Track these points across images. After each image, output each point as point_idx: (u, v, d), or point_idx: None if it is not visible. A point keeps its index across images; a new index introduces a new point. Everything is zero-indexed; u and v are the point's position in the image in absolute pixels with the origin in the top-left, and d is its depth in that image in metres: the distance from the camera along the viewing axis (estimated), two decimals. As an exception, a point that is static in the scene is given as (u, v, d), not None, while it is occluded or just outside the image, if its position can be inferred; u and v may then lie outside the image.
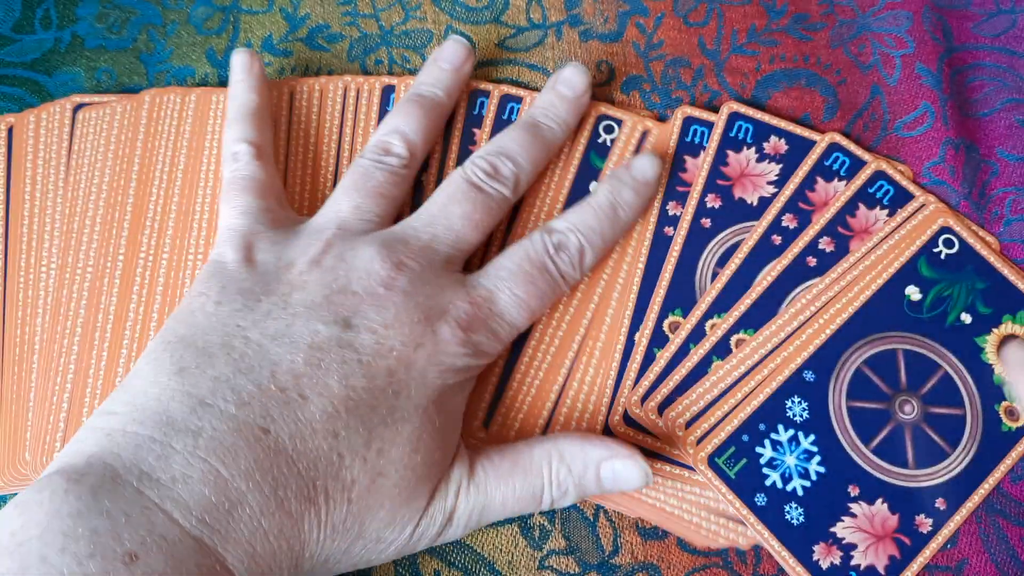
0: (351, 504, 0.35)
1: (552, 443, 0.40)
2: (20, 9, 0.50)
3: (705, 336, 0.43)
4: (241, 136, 0.44)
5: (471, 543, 0.43)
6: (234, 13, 0.50)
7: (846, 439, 0.42)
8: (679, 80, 0.49)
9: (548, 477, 0.39)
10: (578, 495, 0.40)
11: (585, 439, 0.40)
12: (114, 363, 0.44)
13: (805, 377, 0.42)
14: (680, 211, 0.45)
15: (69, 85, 0.49)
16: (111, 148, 0.47)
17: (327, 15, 0.50)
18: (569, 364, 0.44)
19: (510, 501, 0.39)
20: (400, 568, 0.42)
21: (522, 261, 0.41)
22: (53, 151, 0.47)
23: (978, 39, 0.50)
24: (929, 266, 0.44)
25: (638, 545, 0.42)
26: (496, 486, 0.39)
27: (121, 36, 0.50)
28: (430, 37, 0.50)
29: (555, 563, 0.42)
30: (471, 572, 0.42)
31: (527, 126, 0.44)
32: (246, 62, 0.46)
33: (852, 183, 0.45)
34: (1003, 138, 0.47)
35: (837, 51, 0.49)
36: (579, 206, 0.43)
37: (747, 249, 0.44)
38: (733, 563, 0.42)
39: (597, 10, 0.50)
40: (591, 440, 0.40)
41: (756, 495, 0.41)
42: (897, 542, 0.41)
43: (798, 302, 0.43)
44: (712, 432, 0.42)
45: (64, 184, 0.47)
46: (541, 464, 0.39)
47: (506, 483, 0.39)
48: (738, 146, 0.46)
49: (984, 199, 0.46)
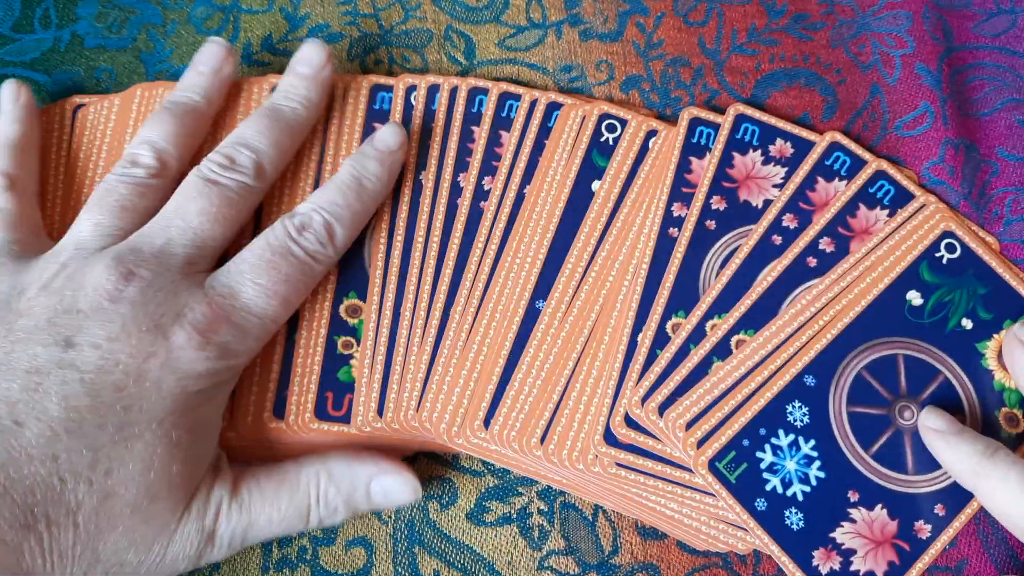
0: (78, 528, 0.34)
1: (321, 463, 0.40)
2: (19, 8, 0.50)
3: (705, 337, 0.43)
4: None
5: (471, 543, 0.43)
6: (234, 12, 0.50)
7: (846, 444, 0.42)
8: (679, 80, 0.49)
9: (315, 496, 0.40)
10: (348, 512, 0.41)
11: (354, 457, 0.41)
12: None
13: (806, 382, 0.42)
14: (685, 213, 0.45)
15: (68, 85, 0.49)
16: (106, 143, 0.47)
17: (327, 15, 0.50)
18: (572, 365, 0.44)
19: (275, 520, 0.39)
20: (399, 568, 0.42)
21: (263, 250, 0.40)
22: (53, 153, 0.47)
23: (978, 39, 0.50)
24: (930, 271, 0.44)
25: (638, 545, 0.43)
26: (261, 506, 0.39)
27: (121, 36, 0.50)
28: (430, 37, 0.50)
29: (555, 563, 0.42)
30: (470, 572, 0.42)
31: (265, 111, 0.44)
32: (14, 92, 0.45)
33: (853, 183, 0.45)
34: (1003, 138, 0.47)
35: (837, 51, 0.49)
36: (323, 186, 0.43)
37: (747, 249, 0.44)
38: (733, 563, 0.42)
39: (597, 9, 0.50)
40: (360, 458, 0.41)
41: (756, 500, 0.41)
42: (896, 548, 0.41)
43: (798, 303, 0.43)
44: (713, 436, 0.42)
45: (64, 184, 0.47)
46: (308, 484, 0.40)
47: (272, 503, 0.39)
48: (744, 148, 0.46)
49: (984, 199, 0.46)
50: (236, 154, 0.42)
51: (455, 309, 0.45)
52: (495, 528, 0.43)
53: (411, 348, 0.44)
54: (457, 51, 0.50)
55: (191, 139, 0.45)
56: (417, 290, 0.45)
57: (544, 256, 0.45)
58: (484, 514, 0.43)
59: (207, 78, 0.45)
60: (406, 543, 0.43)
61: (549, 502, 0.43)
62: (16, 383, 0.35)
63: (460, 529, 0.43)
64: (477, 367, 0.44)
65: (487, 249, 0.45)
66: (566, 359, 0.44)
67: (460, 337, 0.44)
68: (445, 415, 0.43)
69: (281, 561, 0.43)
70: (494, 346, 0.44)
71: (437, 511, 0.43)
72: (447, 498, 0.44)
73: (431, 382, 0.44)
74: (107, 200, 0.41)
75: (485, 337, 0.44)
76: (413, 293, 0.45)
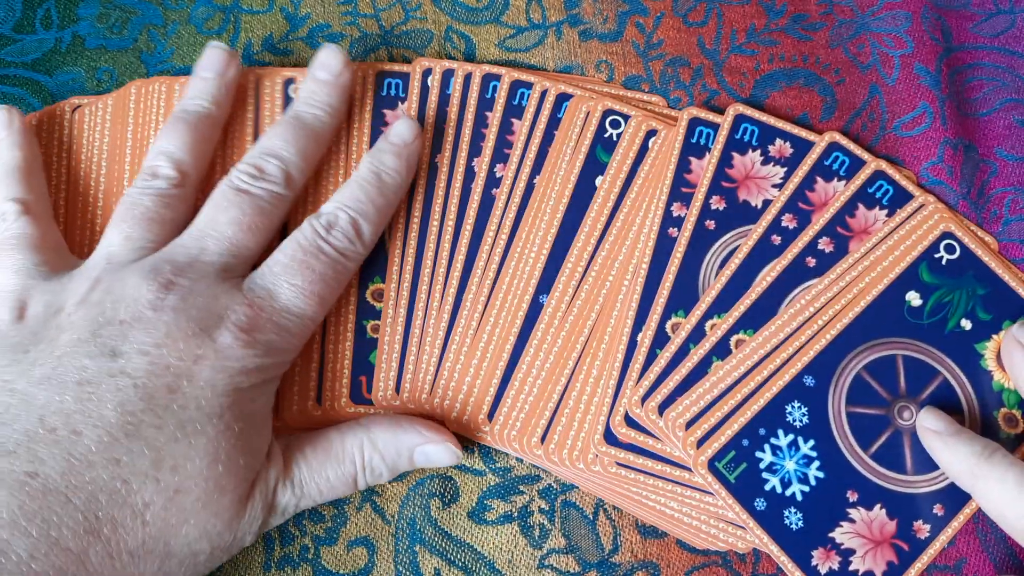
0: (147, 527, 0.35)
1: (365, 432, 0.42)
2: (21, 9, 0.50)
3: (705, 336, 0.43)
4: (6, 195, 0.43)
5: (471, 542, 0.43)
6: (235, 13, 0.50)
7: (845, 444, 0.42)
8: (678, 79, 0.49)
9: (360, 464, 0.41)
10: (391, 475, 0.42)
11: (397, 426, 0.42)
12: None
13: (805, 382, 0.42)
14: (684, 213, 0.45)
15: (70, 85, 0.49)
16: (105, 142, 0.47)
17: (327, 15, 0.50)
18: (572, 364, 0.44)
19: (325, 490, 0.41)
20: (399, 567, 0.42)
21: (295, 251, 0.41)
22: (54, 154, 0.47)
23: (977, 39, 0.50)
24: (930, 271, 0.44)
25: (638, 543, 0.43)
26: (310, 478, 0.41)
27: (122, 36, 0.50)
28: (430, 37, 0.50)
29: (555, 562, 0.43)
30: (471, 571, 0.42)
31: (289, 120, 0.45)
32: (5, 118, 0.45)
33: (851, 183, 0.45)
34: (1002, 138, 0.47)
35: (836, 51, 0.49)
36: (345, 183, 0.44)
37: (747, 249, 0.45)
38: (732, 562, 0.42)
39: (596, 10, 0.50)
40: (403, 426, 0.42)
41: (756, 500, 0.41)
42: (895, 548, 0.41)
43: (797, 303, 0.43)
44: (712, 436, 0.42)
45: (65, 184, 0.47)
46: (353, 453, 0.41)
47: (320, 474, 0.41)
48: (743, 148, 0.46)
49: (983, 199, 0.46)
50: (264, 164, 0.43)
51: (467, 296, 0.45)
52: (496, 527, 0.43)
53: (426, 330, 0.45)
54: (457, 52, 0.50)
55: (206, 145, 0.45)
56: (432, 274, 0.46)
57: (548, 251, 0.45)
58: (485, 512, 0.43)
59: (213, 83, 0.45)
60: (407, 541, 0.43)
61: (550, 501, 0.43)
62: (69, 395, 0.35)
63: (461, 527, 0.43)
64: (486, 359, 0.44)
65: (497, 238, 0.46)
66: (566, 359, 0.44)
67: (471, 326, 0.45)
68: (456, 404, 0.44)
69: (283, 560, 0.43)
70: (499, 340, 0.44)
71: (438, 509, 0.43)
72: (448, 496, 0.44)
73: (443, 368, 0.44)
74: (133, 213, 0.42)
75: (495, 328, 0.45)
76: (428, 276, 0.46)
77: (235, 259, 0.41)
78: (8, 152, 0.44)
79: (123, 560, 0.35)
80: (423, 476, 0.44)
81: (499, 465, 0.44)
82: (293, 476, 0.40)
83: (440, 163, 0.47)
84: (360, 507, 0.43)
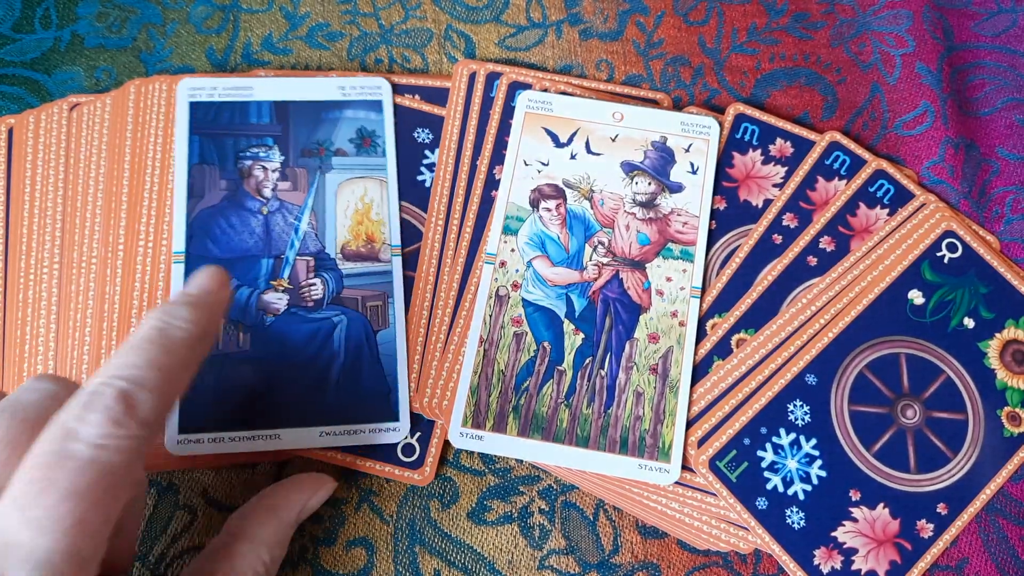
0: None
1: (250, 543, 0.37)
2: (20, 8, 0.50)
3: (706, 336, 0.43)
4: None
5: (472, 542, 0.43)
6: (234, 12, 0.50)
7: (848, 443, 0.42)
8: (679, 79, 0.49)
9: (265, 571, 0.37)
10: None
11: (275, 505, 0.39)
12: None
13: (807, 380, 0.42)
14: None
15: (69, 84, 0.49)
16: (104, 141, 0.47)
17: (327, 14, 0.50)
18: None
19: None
20: (400, 567, 0.42)
21: (32, 467, 0.29)
22: (52, 152, 0.47)
23: (978, 38, 0.50)
24: (932, 270, 0.44)
25: (638, 544, 0.42)
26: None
27: (121, 35, 0.50)
28: (430, 36, 0.50)
29: (555, 562, 0.42)
30: (471, 571, 0.42)
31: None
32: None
33: (852, 182, 0.45)
34: (1003, 137, 0.47)
35: (837, 50, 0.49)
36: (116, 350, 0.35)
37: (748, 249, 0.44)
38: (733, 562, 0.42)
39: (597, 9, 0.50)
40: (280, 503, 0.39)
41: (757, 499, 0.41)
42: (898, 547, 0.41)
43: (798, 302, 0.43)
44: (714, 435, 0.42)
45: (64, 183, 0.47)
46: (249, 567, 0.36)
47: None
48: (744, 148, 0.46)
49: (984, 198, 0.46)
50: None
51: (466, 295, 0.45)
52: (496, 527, 0.43)
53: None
54: (457, 50, 0.49)
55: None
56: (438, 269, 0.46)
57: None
58: (485, 513, 0.43)
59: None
60: (407, 542, 0.43)
61: (550, 501, 0.43)
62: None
63: (461, 528, 0.43)
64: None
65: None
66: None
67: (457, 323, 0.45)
68: (444, 403, 0.44)
69: (283, 560, 0.42)
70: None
71: (438, 510, 0.43)
72: (448, 497, 0.43)
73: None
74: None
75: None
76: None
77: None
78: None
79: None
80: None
81: (499, 466, 0.44)
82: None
83: (442, 160, 0.47)
84: (358, 507, 0.43)
